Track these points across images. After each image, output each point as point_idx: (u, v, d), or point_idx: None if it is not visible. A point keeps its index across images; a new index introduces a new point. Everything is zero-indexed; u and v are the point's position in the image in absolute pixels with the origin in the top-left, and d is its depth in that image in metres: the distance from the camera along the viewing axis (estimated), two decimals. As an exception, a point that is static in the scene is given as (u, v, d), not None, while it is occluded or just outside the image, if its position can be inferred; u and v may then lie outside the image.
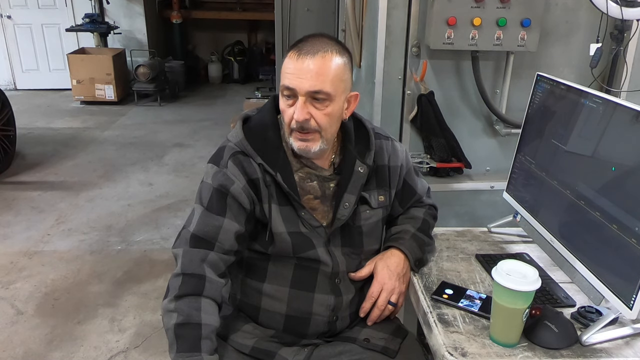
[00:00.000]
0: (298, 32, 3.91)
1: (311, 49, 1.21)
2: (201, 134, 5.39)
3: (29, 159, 4.62)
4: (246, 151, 1.28)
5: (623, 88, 1.95)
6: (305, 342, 1.33)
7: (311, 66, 1.20)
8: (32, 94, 6.73)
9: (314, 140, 1.25)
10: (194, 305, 1.17)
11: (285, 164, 1.28)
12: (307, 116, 1.21)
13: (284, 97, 1.24)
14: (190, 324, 1.15)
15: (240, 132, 1.30)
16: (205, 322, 1.17)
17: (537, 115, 1.49)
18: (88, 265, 3.01)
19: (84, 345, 2.36)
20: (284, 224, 1.27)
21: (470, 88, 1.99)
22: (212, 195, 1.25)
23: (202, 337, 1.15)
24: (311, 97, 1.21)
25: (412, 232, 1.41)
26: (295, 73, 1.20)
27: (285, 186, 1.26)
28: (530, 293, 1.08)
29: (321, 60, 1.20)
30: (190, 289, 1.18)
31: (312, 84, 1.20)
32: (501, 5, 1.79)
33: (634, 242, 1.08)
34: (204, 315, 1.17)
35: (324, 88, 1.20)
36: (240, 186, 1.25)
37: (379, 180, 1.38)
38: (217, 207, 1.24)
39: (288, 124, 1.25)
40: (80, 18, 6.57)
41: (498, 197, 1.69)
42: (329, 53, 1.22)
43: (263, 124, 1.32)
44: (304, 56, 1.20)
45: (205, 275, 1.20)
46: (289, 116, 1.24)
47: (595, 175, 1.23)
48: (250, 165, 1.27)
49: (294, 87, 1.21)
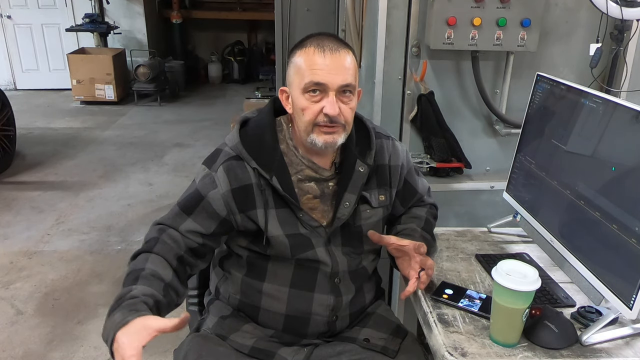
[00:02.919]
0: (298, 32, 3.90)
1: (333, 45, 1.23)
2: (201, 134, 5.40)
3: (29, 159, 4.62)
4: (241, 155, 1.28)
5: (623, 88, 1.95)
6: (304, 342, 1.33)
7: (340, 61, 1.22)
8: (32, 94, 6.73)
9: (339, 133, 1.26)
10: (142, 257, 1.21)
11: (282, 166, 1.28)
12: (338, 111, 1.23)
13: (308, 94, 1.23)
14: (134, 271, 1.18)
15: (236, 135, 1.30)
16: (148, 267, 1.18)
17: (537, 115, 1.49)
18: (88, 265, 3.01)
19: (84, 345, 2.36)
20: (281, 227, 1.27)
21: (470, 88, 1.99)
22: (190, 197, 1.29)
23: (141, 277, 1.15)
24: (341, 91, 1.23)
25: (419, 231, 1.41)
26: (325, 69, 1.21)
27: (280, 189, 1.25)
28: (530, 293, 1.08)
29: (345, 55, 1.24)
30: (143, 249, 1.24)
31: (344, 78, 1.22)
32: (501, 5, 1.79)
33: (634, 242, 1.08)
34: (148, 264, 1.19)
35: (352, 81, 1.24)
36: (220, 192, 1.26)
37: (379, 179, 1.38)
38: (188, 207, 1.28)
39: (311, 121, 1.24)
40: (80, 18, 6.57)
41: (498, 197, 1.69)
42: (346, 49, 1.25)
43: (260, 127, 1.32)
44: (330, 52, 1.22)
45: (159, 237, 1.24)
46: (314, 112, 1.23)
47: (595, 175, 1.23)
48: (244, 170, 1.27)
49: (326, 82, 1.21)
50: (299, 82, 1.24)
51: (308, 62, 1.22)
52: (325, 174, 1.33)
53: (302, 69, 1.23)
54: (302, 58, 1.24)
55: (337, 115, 1.23)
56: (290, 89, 1.28)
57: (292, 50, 1.29)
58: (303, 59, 1.23)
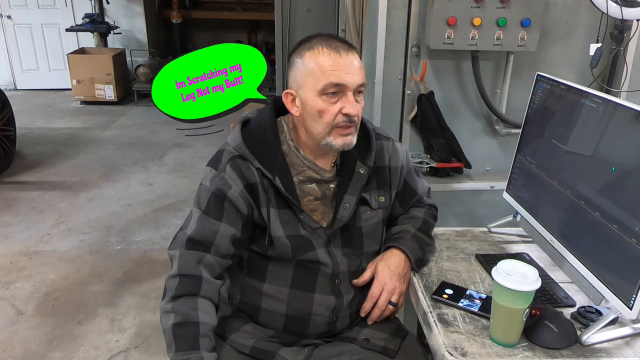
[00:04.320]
0: (298, 32, 3.91)
1: (344, 45, 1.24)
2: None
3: (29, 159, 4.62)
4: (244, 155, 1.27)
5: (623, 88, 1.95)
6: (304, 342, 1.33)
7: (354, 61, 1.23)
8: (32, 94, 6.72)
9: (354, 133, 1.27)
10: (191, 304, 1.18)
11: (284, 167, 1.28)
12: (357, 109, 1.24)
13: (325, 96, 1.22)
14: (188, 323, 1.16)
15: (238, 135, 1.29)
16: (203, 320, 1.17)
17: (537, 115, 1.48)
18: (88, 265, 3.01)
19: (84, 345, 2.36)
20: (282, 228, 1.27)
21: (470, 88, 1.99)
22: (210, 199, 1.26)
23: (200, 335, 1.16)
24: (357, 91, 1.24)
25: (412, 232, 1.41)
26: (342, 69, 1.21)
27: (283, 190, 1.25)
28: (530, 293, 1.08)
29: (356, 55, 1.25)
30: (187, 290, 1.20)
31: (360, 77, 1.24)
32: (501, 5, 1.79)
33: (634, 242, 1.08)
34: (201, 314, 1.18)
35: (365, 81, 1.26)
36: (237, 191, 1.25)
37: (379, 181, 1.38)
38: (215, 211, 1.25)
39: (330, 122, 1.23)
40: (80, 18, 6.57)
41: (498, 197, 1.69)
42: (353, 49, 1.26)
43: (262, 127, 1.31)
44: (345, 52, 1.22)
45: (202, 276, 1.21)
46: (334, 114, 1.22)
47: (595, 175, 1.23)
48: (248, 169, 1.27)
49: (345, 82, 1.21)
50: (313, 84, 1.22)
51: (324, 64, 1.21)
52: (326, 175, 1.33)
53: (316, 71, 1.22)
54: (316, 60, 1.22)
55: (356, 115, 1.24)
56: (301, 92, 1.25)
57: (297, 52, 1.26)
58: (317, 61, 1.22)
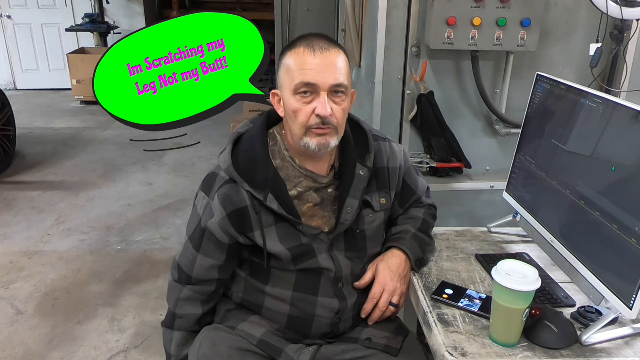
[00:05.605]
0: (298, 32, 3.91)
1: (323, 44, 1.21)
2: (201, 134, 5.38)
3: (29, 159, 4.62)
4: (234, 179, 1.26)
5: (623, 88, 1.95)
6: (308, 342, 1.33)
7: (331, 61, 1.19)
8: (32, 94, 6.72)
9: (331, 135, 1.23)
10: (168, 336, 1.41)
11: (278, 183, 1.25)
12: (331, 112, 1.20)
13: (299, 95, 1.20)
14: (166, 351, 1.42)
15: (228, 158, 1.28)
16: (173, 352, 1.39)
17: (537, 115, 1.48)
18: (88, 265, 3.01)
19: (84, 345, 2.36)
20: (281, 243, 1.26)
21: (470, 88, 1.99)
22: (196, 228, 1.31)
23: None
24: (332, 91, 1.20)
25: (412, 232, 1.41)
26: (315, 68, 1.18)
27: (275, 209, 1.24)
28: (530, 293, 1.08)
29: (337, 54, 1.21)
30: (167, 323, 1.41)
31: (335, 78, 1.19)
32: (501, 5, 1.79)
33: (634, 242, 1.08)
34: (173, 345, 1.39)
35: (344, 82, 1.21)
36: (217, 221, 1.26)
37: (379, 182, 1.37)
38: (196, 240, 1.31)
39: (304, 123, 1.21)
40: (80, 18, 6.58)
41: (498, 197, 1.69)
42: (337, 48, 1.23)
43: (252, 144, 1.29)
44: (320, 51, 1.19)
45: (176, 313, 1.37)
46: (307, 114, 1.20)
47: (595, 175, 1.23)
48: (238, 193, 1.25)
49: (317, 82, 1.18)
50: (289, 83, 1.21)
51: (298, 63, 1.20)
52: (323, 181, 1.31)
53: (292, 70, 1.21)
54: (292, 59, 1.21)
55: (329, 117, 1.19)
56: (282, 91, 1.25)
57: (283, 52, 1.26)
58: (293, 60, 1.21)
